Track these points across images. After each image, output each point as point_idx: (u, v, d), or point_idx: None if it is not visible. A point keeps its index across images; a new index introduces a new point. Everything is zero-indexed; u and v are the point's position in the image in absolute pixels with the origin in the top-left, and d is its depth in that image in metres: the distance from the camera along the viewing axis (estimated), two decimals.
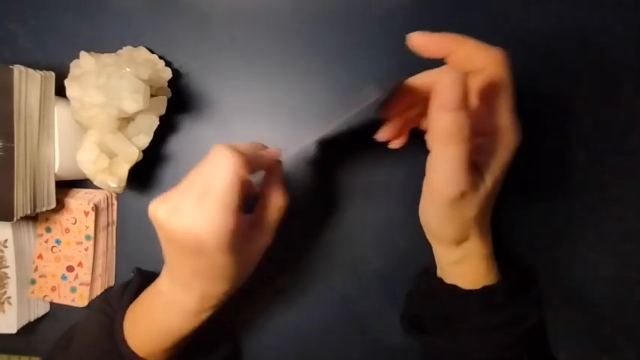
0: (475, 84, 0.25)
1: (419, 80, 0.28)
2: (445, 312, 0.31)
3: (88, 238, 0.40)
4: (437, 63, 0.38)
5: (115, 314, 0.33)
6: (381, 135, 0.31)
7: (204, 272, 0.28)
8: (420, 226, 0.32)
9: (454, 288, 0.30)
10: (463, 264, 0.30)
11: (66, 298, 0.41)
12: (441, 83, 0.22)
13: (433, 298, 0.32)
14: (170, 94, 0.39)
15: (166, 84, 0.39)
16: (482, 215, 0.27)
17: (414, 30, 0.37)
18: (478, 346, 0.29)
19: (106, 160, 0.36)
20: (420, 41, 0.25)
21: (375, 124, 0.31)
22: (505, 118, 0.25)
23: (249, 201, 0.29)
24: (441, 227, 0.28)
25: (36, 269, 0.41)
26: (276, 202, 0.31)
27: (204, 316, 0.31)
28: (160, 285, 0.32)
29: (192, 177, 0.27)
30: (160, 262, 0.43)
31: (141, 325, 0.32)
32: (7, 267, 0.40)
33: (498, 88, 0.24)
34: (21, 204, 0.35)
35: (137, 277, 0.37)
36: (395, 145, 0.33)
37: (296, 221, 0.41)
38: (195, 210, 0.25)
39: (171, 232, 0.26)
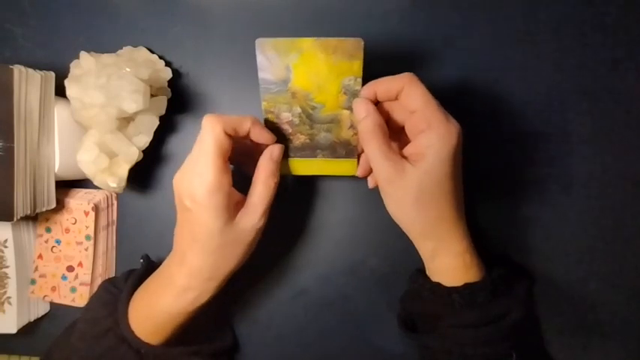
0: (405, 100, 0.30)
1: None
2: (431, 310, 0.32)
3: (88, 238, 0.40)
4: (433, 69, 0.38)
5: (119, 293, 0.34)
6: (359, 172, 0.35)
7: (193, 238, 0.30)
8: None
9: (437, 285, 0.32)
10: (438, 259, 0.32)
11: (66, 298, 0.41)
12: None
13: (420, 297, 0.34)
14: (170, 94, 0.39)
15: (166, 84, 0.39)
16: (428, 202, 0.30)
17: (414, 30, 0.38)
18: (463, 342, 0.30)
19: (106, 160, 0.36)
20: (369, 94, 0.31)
21: None
22: (433, 115, 0.29)
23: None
24: (398, 214, 0.32)
25: (36, 269, 0.41)
26: (266, 179, 0.32)
27: (191, 296, 0.31)
28: (165, 262, 0.34)
29: (194, 145, 0.31)
30: (160, 261, 0.43)
31: (140, 304, 0.33)
32: (7, 267, 0.40)
33: (418, 97, 0.30)
34: (21, 204, 0.35)
35: (145, 262, 0.37)
36: (370, 185, 0.35)
37: (296, 221, 0.41)
38: (192, 169, 0.30)
39: (178, 190, 0.31)
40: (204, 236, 0.30)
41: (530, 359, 0.31)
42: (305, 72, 0.30)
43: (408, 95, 0.30)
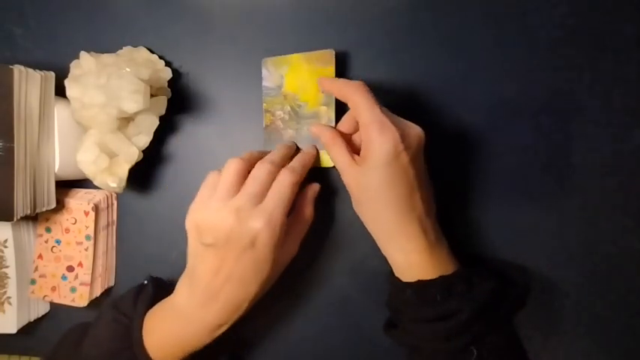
0: (352, 110, 0.33)
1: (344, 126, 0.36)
2: (395, 305, 0.34)
3: (88, 238, 0.40)
4: (432, 69, 0.38)
5: (131, 322, 0.34)
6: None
7: (239, 275, 0.31)
8: None
9: (396, 280, 0.33)
10: (388, 255, 0.34)
11: (66, 298, 0.41)
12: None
13: (389, 294, 0.35)
14: (170, 94, 0.39)
15: (166, 84, 0.39)
16: (369, 202, 0.32)
17: (414, 30, 0.38)
18: (422, 337, 0.32)
19: (106, 160, 0.36)
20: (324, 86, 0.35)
21: None
22: (368, 125, 0.31)
23: None
24: (356, 211, 0.34)
25: (36, 269, 0.41)
26: (308, 215, 0.36)
27: (224, 328, 0.33)
28: (179, 300, 0.33)
29: (233, 188, 0.32)
30: (160, 261, 0.43)
31: (158, 337, 0.33)
32: (7, 267, 0.40)
33: (358, 107, 0.32)
34: (21, 204, 0.35)
35: (150, 285, 0.37)
36: None
37: None
38: (253, 209, 0.30)
39: (225, 231, 0.30)
40: (256, 275, 0.31)
41: (500, 357, 0.31)
42: (293, 78, 0.38)
43: (353, 106, 0.32)
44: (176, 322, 0.33)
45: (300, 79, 0.37)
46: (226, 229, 0.30)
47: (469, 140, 0.38)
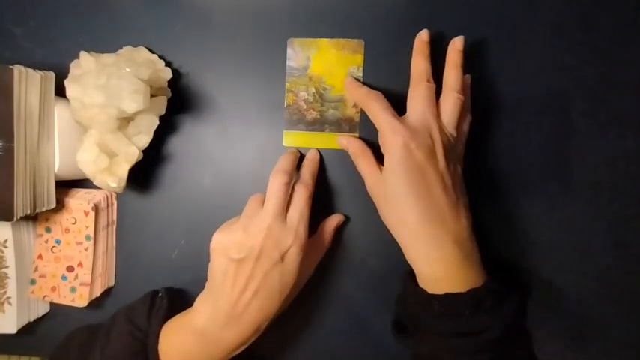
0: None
1: None
2: (413, 314, 0.33)
3: (88, 238, 0.40)
4: (433, 69, 0.38)
5: (145, 338, 0.34)
6: None
7: (266, 289, 0.32)
8: None
9: (421, 291, 0.32)
10: (414, 265, 0.33)
11: (66, 298, 0.41)
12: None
13: (405, 301, 0.34)
14: (170, 94, 0.39)
15: (166, 84, 0.39)
16: (389, 207, 0.33)
17: (414, 30, 0.38)
18: (446, 350, 0.30)
19: (106, 160, 0.36)
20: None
21: None
22: (380, 130, 0.33)
23: None
24: (382, 219, 0.34)
25: (36, 269, 0.41)
26: (327, 241, 0.38)
27: (243, 348, 0.34)
28: (198, 320, 0.33)
29: (257, 208, 0.34)
30: (160, 261, 0.43)
31: (175, 356, 0.33)
32: (7, 267, 0.40)
33: (370, 114, 0.34)
34: (21, 204, 0.35)
35: (165, 298, 0.37)
36: None
37: None
38: (282, 226, 0.33)
39: (257, 246, 0.32)
40: (281, 290, 0.33)
41: None
42: (320, 62, 0.39)
43: (370, 115, 0.34)
44: (195, 343, 0.33)
45: (328, 63, 0.39)
46: (259, 244, 0.32)
47: (469, 140, 0.38)
